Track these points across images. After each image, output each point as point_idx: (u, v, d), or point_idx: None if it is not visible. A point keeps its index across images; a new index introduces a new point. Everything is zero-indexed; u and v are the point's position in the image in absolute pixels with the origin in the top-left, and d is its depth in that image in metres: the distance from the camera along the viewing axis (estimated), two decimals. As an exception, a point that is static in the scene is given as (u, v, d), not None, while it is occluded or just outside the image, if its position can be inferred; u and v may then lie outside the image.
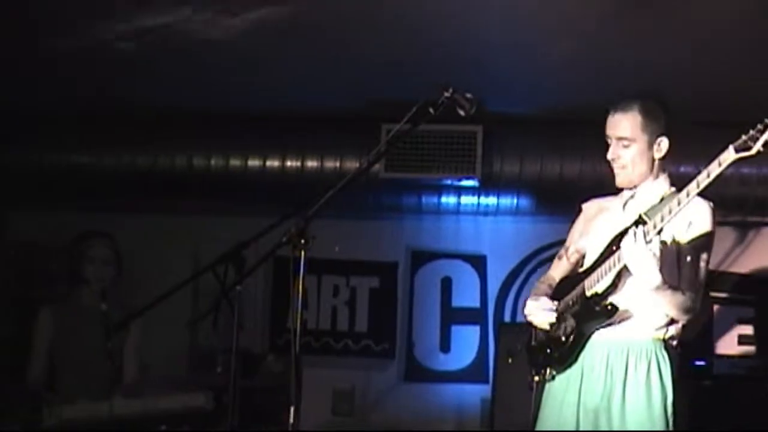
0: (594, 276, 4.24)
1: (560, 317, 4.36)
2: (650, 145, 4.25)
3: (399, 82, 6.24)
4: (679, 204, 3.89)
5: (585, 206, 4.74)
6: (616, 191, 4.48)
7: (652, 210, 4.02)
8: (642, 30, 5.63)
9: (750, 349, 7.42)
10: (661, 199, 4.14)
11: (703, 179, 3.83)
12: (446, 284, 8.07)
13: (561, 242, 7.83)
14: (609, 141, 4.34)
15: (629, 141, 4.25)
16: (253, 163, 7.34)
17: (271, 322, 8.10)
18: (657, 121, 4.24)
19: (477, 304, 8.01)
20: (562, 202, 7.37)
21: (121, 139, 7.47)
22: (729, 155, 3.78)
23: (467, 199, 7.57)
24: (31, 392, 5.54)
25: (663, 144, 4.25)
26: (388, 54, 6.14)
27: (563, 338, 4.31)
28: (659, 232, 3.97)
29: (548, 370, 4.42)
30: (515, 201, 7.47)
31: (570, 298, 4.36)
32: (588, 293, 4.25)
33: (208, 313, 4.32)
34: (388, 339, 8.08)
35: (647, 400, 4.17)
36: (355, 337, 8.12)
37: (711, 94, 6.41)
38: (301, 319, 3.88)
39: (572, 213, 7.70)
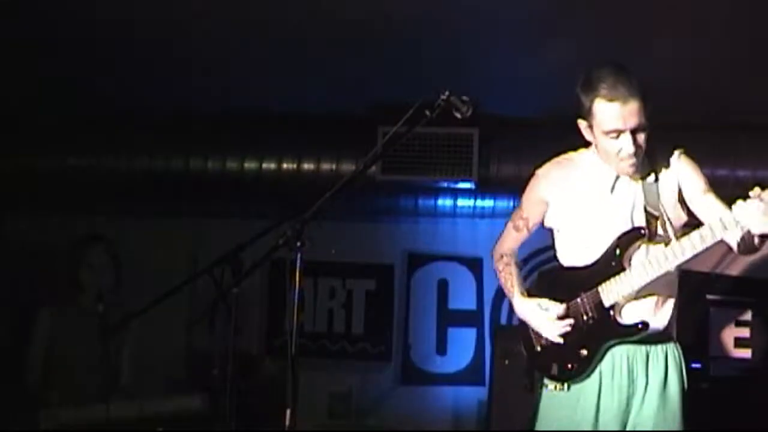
0: (610, 286, 4.06)
1: (573, 327, 4.15)
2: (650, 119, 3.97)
3: (396, 84, 6.24)
4: (702, 240, 3.84)
5: (542, 172, 4.48)
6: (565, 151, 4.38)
7: (651, 202, 3.98)
8: (642, 31, 5.63)
9: (747, 351, 7.42)
10: (655, 178, 4.04)
11: (729, 224, 3.77)
12: (443, 287, 8.07)
13: (557, 245, 7.93)
14: (613, 135, 4.00)
15: (645, 125, 3.95)
16: (250, 165, 7.33)
17: (267, 325, 8.09)
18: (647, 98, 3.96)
19: (473, 306, 8.00)
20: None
21: (118, 142, 7.46)
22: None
23: (464, 202, 7.58)
24: (27, 395, 5.54)
25: (650, 112, 3.97)
26: (384, 57, 6.15)
27: (581, 352, 4.13)
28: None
29: (565, 384, 4.19)
30: (511, 203, 7.46)
31: (582, 305, 4.15)
32: (606, 303, 4.08)
33: (205, 316, 4.33)
34: (384, 341, 8.08)
35: (663, 403, 4.08)
36: (352, 340, 8.12)
37: (712, 95, 6.42)
38: (297, 322, 3.88)
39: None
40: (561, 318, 4.17)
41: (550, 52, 5.98)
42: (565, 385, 4.17)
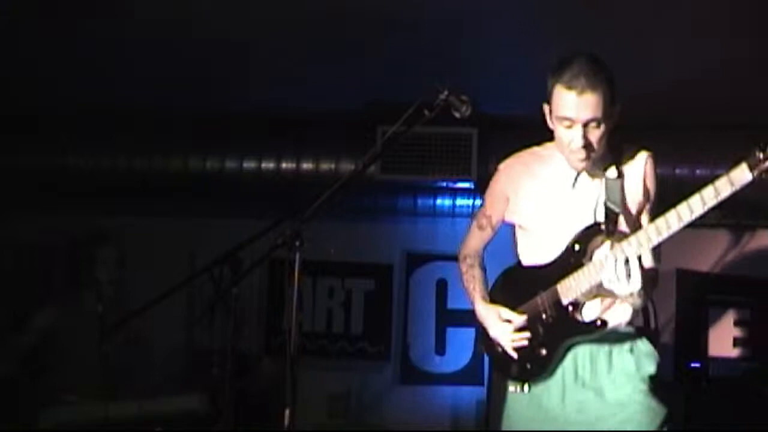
0: (568, 283, 3.99)
1: (531, 327, 4.09)
2: (613, 116, 3.86)
3: (395, 84, 6.23)
4: (679, 220, 3.63)
5: (504, 167, 4.41)
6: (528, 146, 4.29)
7: (612, 198, 3.89)
8: (641, 31, 5.63)
9: (745, 351, 7.42)
10: (617, 173, 3.93)
11: (710, 198, 3.57)
12: (441, 286, 8.08)
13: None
14: (566, 123, 3.90)
15: (600, 121, 3.82)
16: (249, 165, 7.33)
17: (266, 324, 8.10)
18: (614, 89, 3.85)
19: (472, 306, 7.99)
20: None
21: (117, 141, 7.47)
22: (743, 176, 3.49)
23: (462, 201, 7.58)
24: (27, 394, 5.54)
25: (617, 112, 3.87)
26: (384, 56, 6.15)
27: (540, 352, 4.06)
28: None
29: (525, 385, 4.12)
30: (510, 203, 7.47)
31: (541, 304, 4.09)
32: (564, 301, 4.01)
33: (204, 315, 4.33)
34: (383, 341, 8.09)
35: (632, 392, 3.97)
36: (351, 339, 8.12)
37: (712, 95, 6.42)
38: (296, 321, 3.88)
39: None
40: (520, 330, 4.11)
41: (549, 52, 5.97)
42: (526, 385, 4.12)
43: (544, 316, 4.09)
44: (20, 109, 7.22)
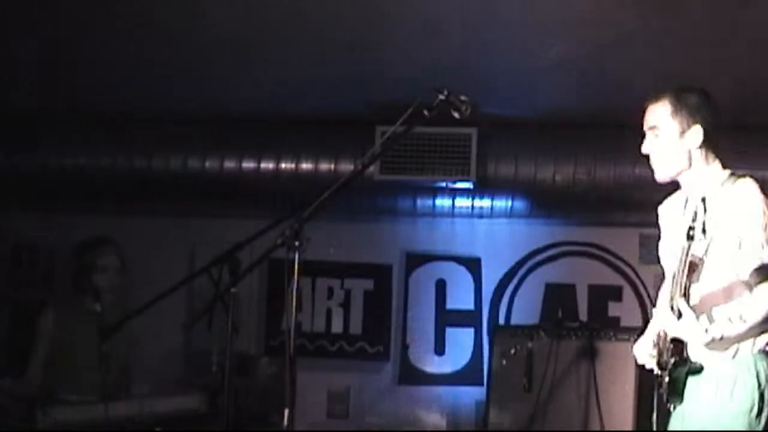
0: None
1: (660, 354, 4.12)
2: (681, 134, 4.04)
3: (394, 84, 6.24)
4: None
5: (659, 210, 4.44)
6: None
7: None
8: (639, 32, 5.63)
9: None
10: (704, 206, 3.88)
11: None
12: (441, 286, 8.07)
13: (555, 245, 7.94)
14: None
15: (658, 129, 4.08)
16: (248, 165, 7.33)
17: (265, 324, 8.09)
18: (689, 109, 4.04)
19: (471, 306, 8.01)
20: (556, 204, 7.41)
21: (117, 141, 7.47)
22: None
23: (462, 202, 7.58)
24: (26, 393, 5.54)
25: (697, 132, 4.02)
26: (384, 57, 6.15)
27: (665, 379, 4.08)
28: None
29: (671, 406, 4.13)
30: (510, 203, 7.47)
31: (662, 338, 4.11)
32: (668, 338, 4.01)
33: (203, 315, 4.33)
34: (382, 341, 8.08)
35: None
36: (350, 340, 8.12)
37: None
38: (295, 321, 3.88)
39: (566, 215, 7.77)
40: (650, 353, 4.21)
41: (549, 53, 5.98)
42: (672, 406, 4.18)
43: (667, 351, 4.10)
44: (19, 110, 7.22)
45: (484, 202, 7.54)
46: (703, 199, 3.85)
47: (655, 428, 4.10)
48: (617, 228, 7.83)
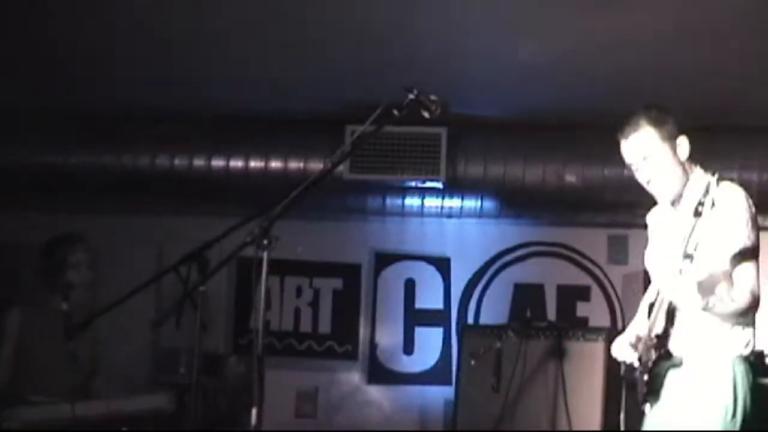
0: (652, 316, 4.16)
1: (642, 355, 4.22)
2: (674, 152, 4.13)
3: (364, 83, 6.24)
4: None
5: (647, 218, 4.53)
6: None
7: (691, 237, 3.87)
8: (608, 35, 5.65)
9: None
10: (695, 210, 3.89)
11: None
12: (410, 286, 8.08)
13: (524, 245, 7.96)
14: (633, 168, 4.19)
15: (651, 158, 4.13)
16: (217, 163, 7.32)
17: (234, 323, 8.08)
18: (669, 125, 4.15)
19: (440, 306, 8.02)
20: (525, 204, 7.43)
21: (85, 139, 7.43)
22: None
23: (431, 201, 7.59)
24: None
25: (683, 143, 4.14)
26: (353, 56, 6.15)
27: (644, 376, 4.19)
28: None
29: (647, 405, 4.24)
30: (479, 203, 7.49)
31: (645, 335, 4.22)
32: (652, 335, 4.13)
33: (172, 314, 4.30)
34: (351, 341, 8.08)
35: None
36: (318, 339, 8.11)
37: (681, 98, 6.45)
38: (264, 320, 3.87)
39: (535, 215, 7.80)
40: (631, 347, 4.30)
41: (519, 54, 6.00)
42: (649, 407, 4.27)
43: (649, 347, 4.20)
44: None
45: (454, 202, 7.55)
46: (698, 212, 3.85)
47: (622, 428, 4.15)
48: (586, 228, 7.87)
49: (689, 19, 5.40)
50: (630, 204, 6.87)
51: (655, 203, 4.39)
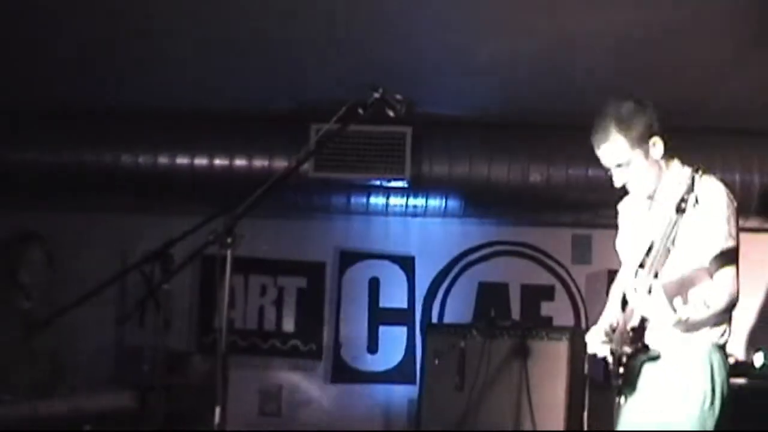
0: (627, 309, 4.15)
1: (616, 347, 4.23)
2: (647, 154, 4.14)
3: (329, 82, 6.24)
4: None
5: (618, 207, 4.57)
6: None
7: (667, 232, 3.86)
8: (571, 32, 5.67)
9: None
10: (677, 207, 3.88)
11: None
12: (374, 285, 8.08)
13: (488, 244, 7.99)
14: (609, 171, 4.24)
15: (625, 164, 4.15)
16: (182, 161, 7.29)
17: (198, 322, 8.05)
18: (639, 128, 4.12)
19: (405, 305, 8.03)
20: (489, 204, 7.45)
21: (46, 137, 7.37)
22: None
23: (396, 200, 7.58)
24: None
25: (657, 144, 4.15)
26: (318, 54, 6.14)
27: (619, 368, 4.20)
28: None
29: (622, 397, 4.26)
30: (444, 202, 7.49)
31: (619, 327, 4.23)
32: (628, 327, 4.14)
33: (135, 312, 4.29)
34: (315, 339, 8.08)
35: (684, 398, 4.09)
36: (283, 337, 8.10)
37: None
38: (227, 319, 3.86)
39: (500, 215, 7.82)
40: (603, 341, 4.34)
41: (484, 52, 6.01)
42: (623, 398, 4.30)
43: (623, 340, 4.22)
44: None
45: (418, 201, 7.55)
46: (682, 209, 3.83)
47: (585, 427, 4.16)
48: (550, 228, 7.90)
49: (654, 19, 5.43)
50: (594, 204, 6.93)
51: (619, 201, 4.42)
